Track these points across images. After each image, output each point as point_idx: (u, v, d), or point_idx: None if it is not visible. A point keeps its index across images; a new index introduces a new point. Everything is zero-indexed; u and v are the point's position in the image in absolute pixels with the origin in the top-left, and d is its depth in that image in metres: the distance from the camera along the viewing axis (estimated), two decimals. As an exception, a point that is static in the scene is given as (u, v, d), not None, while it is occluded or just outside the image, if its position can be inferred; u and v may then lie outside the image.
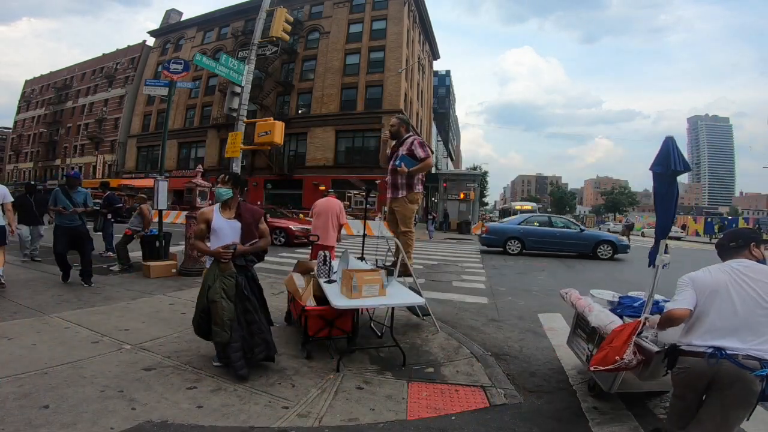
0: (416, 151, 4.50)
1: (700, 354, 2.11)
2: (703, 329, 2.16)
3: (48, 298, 5.15)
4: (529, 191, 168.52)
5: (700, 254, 18.58)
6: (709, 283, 2.20)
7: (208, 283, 3.20)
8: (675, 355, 2.24)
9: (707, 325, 2.15)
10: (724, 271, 2.23)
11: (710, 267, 2.30)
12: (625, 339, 2.56)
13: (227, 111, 8.72)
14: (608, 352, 2.58)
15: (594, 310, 3.32)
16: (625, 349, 2.51)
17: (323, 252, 4.18)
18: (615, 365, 2.51)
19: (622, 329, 2.71)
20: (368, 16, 30.32)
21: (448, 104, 58.40)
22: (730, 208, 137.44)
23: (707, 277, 2.24)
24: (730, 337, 2.09)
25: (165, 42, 40.19)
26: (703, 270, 2.29)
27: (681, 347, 2.22)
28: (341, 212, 6.13)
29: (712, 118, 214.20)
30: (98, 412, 2.51)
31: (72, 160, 46.93)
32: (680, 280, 2.31)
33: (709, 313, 2.16)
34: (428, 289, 6.99)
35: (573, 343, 3.72)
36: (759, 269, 2.18)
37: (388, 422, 2.67)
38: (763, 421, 2.88)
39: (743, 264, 2.23)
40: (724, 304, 2.13)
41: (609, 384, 2.96)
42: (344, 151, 29.68)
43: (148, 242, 7.40)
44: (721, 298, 2.15)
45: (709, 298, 2.17)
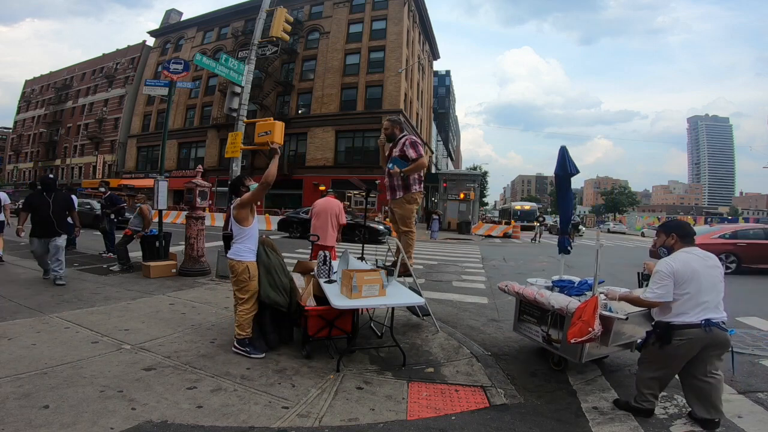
0: (407, 152, 4.49)
1: (696, 326, 2.67)
2: (691, 307, 2.70)
3: (48, 298, 5.15)
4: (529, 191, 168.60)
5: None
6: (689, 273, 2.73)
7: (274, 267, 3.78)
8: (669, 330, 2.72)
9: (693, 304, 2.70)
10: (695, 260, 2.79)
11: (682, 257, 2.81)
12: (592, 312, 2.99)
13: (227, 111, 8.70)
14: (581, 326, 2.99)
15: (546, 294, 3.69)
16: (594, 321, 2.95)
17: (323, 252, 4.18)
18: (588, 336, 2.93)
19: (585, 305, 3.10)
20: (368, 16, 30.33)
21: (448, 104, 58.39)
22: (730, 208, 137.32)
23: (686, 268, 2.75)
24: (711, 310, 2.71)
25: (165, 42, 40.20)
26: (680, 262, 2.77)
27: (674, 324, 2.72)
28: (341, 212, 6.13)
29: (711, 118, 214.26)
30: (98, 412, 2.51)
31: (72, 160, 46.94)
32: (660, 272, 2.78)
33: (693, 294, 2.71)
34: (428, 289, 6.99)
35: (520, 328, 4.11)
36: (713, 256, 2.86)
37: (388, 422, 2.67)
38: (763, 421, 2.88)
39: (704, 253, 2.85)
40: (703, 287, 2.72)
41: (578, 355, 3.38)
42: (344, 151, 29.68)
43: (148, 242, 7.40)
44: (699, 282, 2.72)
45: (689, 283, 2.71)
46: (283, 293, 3.76)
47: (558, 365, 3.72)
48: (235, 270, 3.62)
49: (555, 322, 3.62)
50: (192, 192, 7.16)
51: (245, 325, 3.61)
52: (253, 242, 3.70)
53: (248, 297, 3.62)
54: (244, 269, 3.60)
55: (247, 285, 3.61)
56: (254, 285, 3.64)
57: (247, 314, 3.62)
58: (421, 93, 36.69)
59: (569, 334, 3.08)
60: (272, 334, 3.82)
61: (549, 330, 3.69)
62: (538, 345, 3.93)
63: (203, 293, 5.91)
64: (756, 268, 10.69)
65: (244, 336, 3.60)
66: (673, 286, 2.72)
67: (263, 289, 3.68)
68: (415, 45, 33.46)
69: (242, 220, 3.65)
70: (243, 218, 3.64)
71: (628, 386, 3.43)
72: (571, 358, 3.50)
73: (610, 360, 4.00)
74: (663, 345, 2.75)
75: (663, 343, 2.75)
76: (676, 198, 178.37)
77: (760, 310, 6.29)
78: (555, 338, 3.63)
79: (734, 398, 3.23)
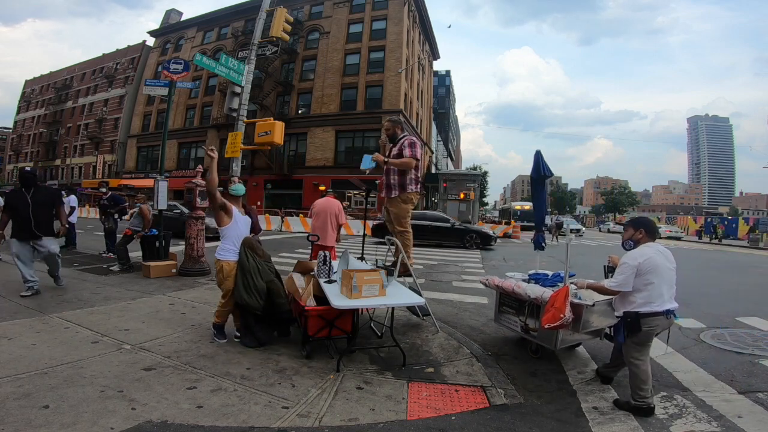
0: (404, 151, 4.53)
1: (661, 314, 3.02)
2: (656, 297, 3.01)
3: (48, 298, 5.15)
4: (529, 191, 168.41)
5: (698, 254, 18.59)
6: (652, 265, 3.02)
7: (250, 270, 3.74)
8: (638, 319, 3.01)
9: (657, 294, 3.01)
10: (657, 254, 3.09)
11: (646, 251, 3.09)
12: (563, 300, 3.26)
13: (227, 111, 8.71)
14: (554, 312, 3.25)
15: (523, 286, 3.96)
16: (565, 307, 3.21)
17: (323, 252, 4.19)
18: (560, 321, 3.19)
19: (557, 294, 3.37)
20: (368, 16, 30.32)
21: (448, 104, 58.38)
22: (730, 208, 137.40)
23: (649, 262, 3.02)
24: (669, 300, 3.07)
25: (165, 42, 40.18)
26: (644, 256, 3.05)
27: (643, 313, 3.01)
28: (340, 212, 6.13)
29: (712, 118, 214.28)
30: (98, 412, 2.51)
31: (72, 160, 46.94)
32: (626, 263, 3.06)
33: (656, 285, 3.00)
34: (428, 289, 6.99)
35: (501, 320, 4.40)
36: (669, 253, 3.19)
37: (388, 422, 2.67)
38: (763, 421, 2.88)
39: (664, 249, 3.17)
40: (663, 279, 3.05)
41: (553, 342, 3.69)
42: (344, 151, 29.65)
43: (148, 242, 7.40)
44: (660, 274, 3.03)
45: (652, 275, 3.01)
46: (256, 296, 3.72)
47: (536, 353, 4.03)
48: (216, 268, 3.90)
49: (531, 312, 3.89)
50: (192, 192, 7.16)
51: (219, 314, 3.94)
52: (230, 242, 3.86)
53: (224, 293, 3.87)
54: (220, 268, 3.82)
55: (223, 284, 3.83)
56: (228, 284, 3.80)
57: (223, 307, 3.91)
58: (421, 93, 36.68)
59: (543, 320, 3.37)
60: (259, 332, 3.87)
61: (527, 320, 3.96)
62: (517, 335, 4.22)
63: (203, 293, 5.91)
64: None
65: (216, 321, 3.96)
66: (633, 277, 3.01)
67: (236, 291, 3.77)
68: (415, 45, 33.45)
69: (218, 221, 3.88)
70: (218, 220, 3.87)
71: (628, 386, 3.43)
72: (547, 345, 3.79)
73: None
74: (635, 333, 3.02)
75: (634, 331, 3.02)
76: (676, 198, 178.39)
77: (760, 310, 6.29)
78: (532, 327, 3.90)
79: (734, 398, 3.23)
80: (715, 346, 4.53)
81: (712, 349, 4.43)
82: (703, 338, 4.80)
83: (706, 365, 3.91)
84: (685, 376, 3.64)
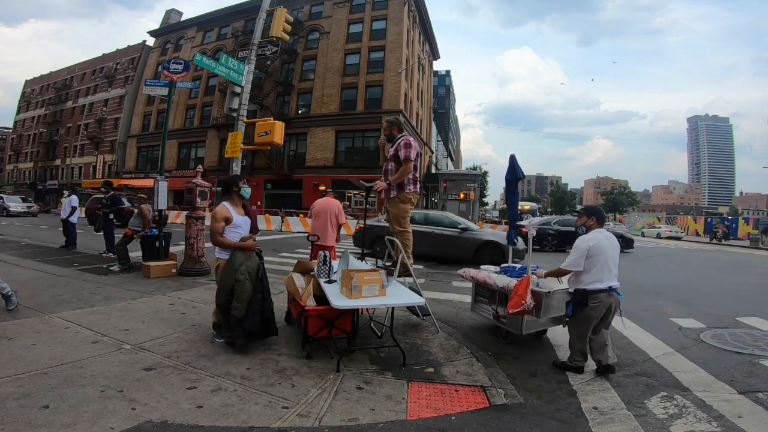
0: (399, 151, 4.53)
1: (604, 291, 3.52)
2: (601, 276, 3.51)
3: (48, 298, 5.15)
4: (529, 191, 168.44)
5: (698, 254, 18.59)
6: (599, 248, 3.53)
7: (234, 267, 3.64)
8: (585, 295, 3.51)
9: (601, 274, 3.51)
10: (604, 239, 3.59)
11: (596, 236, 3.60)
12: (525, 288, 3.70)
13: (227, 111, 8.72)
14: (517, 299, 3.69)
15: (494, 277, 4.42)
16: (526, 295, 3.65)
17: (323, 252, 4.18)
18: (523, 307, 3.63)
19: (520, 283, 3.81)
20: (368, 16, 30.31)
21: (448, 104, 58.38)
22: (730, 208, 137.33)
23: (597, 245, 3.53)
24: (612, 279, 3.57)
25: (165, 42, 40.17)
26: (594, 240, 3.55)
27: (589, 290, 3.51)
28: (340, 212, 6.13)
29: (712, 118, 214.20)
30: (98, 412, 2.51)
31: (72, 160, 46.93)
32: (578, 246, 3.56)
33: (602, 267, 3.52)
34: (428, 289, 6.99)
35: (476, 309, 4.85)
36: (613, 237, 3.72)
37: (388, 422, 2.67)
38: (763, 421, 2.88)
39: (610, 235, 3.71)
40: (608, 260, 3.55)
41: (519, 328, 4.10)
42: (344, 151, 29.66)
43: (148, 242, 7.40)
44: (605, 256, 3.54)
45: (599, 257, 3.51)
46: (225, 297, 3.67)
47: (505, 338, 4.47)
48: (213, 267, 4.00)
49: (501, 301, 4.30)
50: (192, 192, 7.16)
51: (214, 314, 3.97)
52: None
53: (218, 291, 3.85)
54: (217, 266, 3.88)
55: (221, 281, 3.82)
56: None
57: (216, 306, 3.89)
58: (421, 93, 36.67)
59: (508, 306, 3.79)
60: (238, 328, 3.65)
61: (497, 308, 4.41)
62: (491, 322, 4.64)
63: (203, 293, 5.91)
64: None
65: (213, 321, 4.03)
66: (584, 258, 3.51)
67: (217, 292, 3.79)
68: (415, 45, 33.45)
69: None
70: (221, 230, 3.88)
71: (628, 386, 3.44)
72: (514, 331, 4.21)
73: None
74: (582, 308, 3.54)
75: (582, 305, 3.54)
76: (676, 198, 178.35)
77: (760, 310, 6.29)
78: (502, 314, 4.30)
79: (734, 398, 3.23)
80: (715, 346, 4.53)
81: (712, 349, 4.43)
82: (703, 338, 4.80)
83: (706, 365, 3.91)
84: (685, 376, 3.64)
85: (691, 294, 7.80)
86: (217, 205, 4.06)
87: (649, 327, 5.21)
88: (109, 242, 8.81)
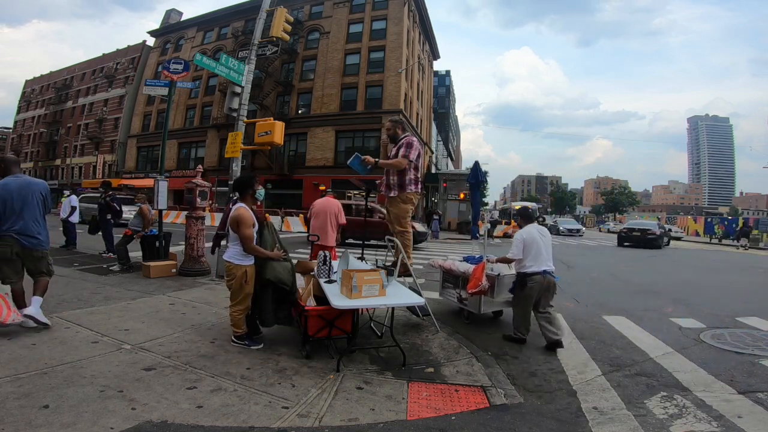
0: (400, 151, 4.56)
1: (539, 273, 4.30)
2: (535, 262, 4.32)
3: (48, 298, 5.11)
4: (529, 191, 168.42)
5: (698, 254, 18.58)
6: (532, 240, 4.36)
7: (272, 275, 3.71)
8: (524, 278, 4.35)
9: (536, 259, 4.32)
10: (534, 232, 4.44)
11: (528, 229, 4.47)
12: (481, 272, 4.48)
13: (227, 111, 8.70)
14: (475, 281, 4.45)
15: (457, 264, 5.24)
16: (482, 277, 4.42)
17: (323, 252, 4.18)
18: (480, 287, 4.39)
19: (477, 267, 4.58)
20: (368, 16, 30.30)
21: (448, 104, 58.36)
22: (730, 208, 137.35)
23: (530, 237, 4.38)
24: (545, 263, 4.35)
25: (165, 42, 40.16)
26: (526, 233, 4.41)
27: (527, 273, 4.32)
28: (340, 212, 6.13)
29: (712, 118, 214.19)
30: (98, 412, 2.51)
31: (72, 160, 46.93)
32: (516, 239, 4.43)
33: (536, 254, 4.33)
34: (428, 289, 6.98)
35: (444, 293, 5.65)
36: (545, 230, 4.64)
37: (388, 422, 2.67)
38: (763, 420, 2.88)
39: (541, 228, 4.60)
40: (541, 249, 4.35)
41: (477, 308, 4.83)
42: (344, 151, 29.59)
43: (148, 242, 7.40)
44: (538, 245, 4.35)
45: (532, 246, 4.34)
46: (288, 272, 3.82)
47: (467, 319, 5.16)
48: (232, 273, 3.66)
49: (464, 285, 4.88)
50: (192, 192, 7.16)
51: (240, 323, 3.76)
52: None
53: (241, 299, 3.69)
54: (242, 274, 3.64)
55: (243, 288, 3.66)
56: (249, 288, 3.70)
57: (239, 314, 3.74)
58: (421, 93, 36.66)
59: (468, 287, 4.56)
60: (269, 313, 3.83)
61: (461, 291, 5.07)
62: (455, 305, 5.36)
63: (203, 293, 5.91)
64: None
65: (240, 332, 3.78)
66: (523, 248, 4.33)
67: (270, 270, 3.71)
68: (415, 45, 33.44)
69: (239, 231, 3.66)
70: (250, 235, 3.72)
71: (628, 386, 3.45)
72: (474, 311, 4.93)
73: (611, 361, 4.01)
74: (522, 288, 4.36)
75: (522, 286, 4.36)
76: (676, 198, 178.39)
77: (760, 310, 6.29)
78: (464, 297, 4.97)
79: (734, 398, 3.23)
80: (715, 346, 4.53)
81: (712, 349, 4.43)
82: (703, 338, 4.80)
83: (706, 365, 3.91)
84: (685, 376, 3.64)
85: (691, 294, 7.80)
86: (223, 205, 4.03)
87: (649, 327, 5.22)
88: (108, 242, 8.81)
